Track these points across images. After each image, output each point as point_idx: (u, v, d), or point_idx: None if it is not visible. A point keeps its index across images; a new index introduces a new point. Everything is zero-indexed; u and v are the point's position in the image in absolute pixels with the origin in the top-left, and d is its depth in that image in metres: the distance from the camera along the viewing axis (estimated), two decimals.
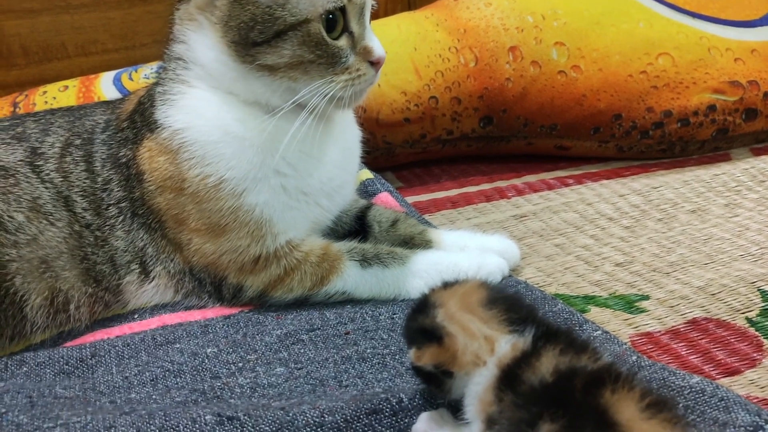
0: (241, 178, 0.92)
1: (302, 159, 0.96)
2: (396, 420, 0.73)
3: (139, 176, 0.96)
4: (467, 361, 0.67)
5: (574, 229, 1.17)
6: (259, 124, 0.92)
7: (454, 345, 0.67)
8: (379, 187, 1.21)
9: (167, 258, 0.97)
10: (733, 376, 0.82)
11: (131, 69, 1.42)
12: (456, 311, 0.69)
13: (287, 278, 0.96)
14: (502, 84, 1.38)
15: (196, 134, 0.93)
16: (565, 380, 0.60)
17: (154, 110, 0.96)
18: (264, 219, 0.94)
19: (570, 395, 0.58)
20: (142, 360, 0.88)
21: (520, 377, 0.62)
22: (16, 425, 0.72)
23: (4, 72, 1.62)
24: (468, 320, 0.68)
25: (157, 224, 0.96)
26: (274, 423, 0.72)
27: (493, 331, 0.67)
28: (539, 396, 0.59)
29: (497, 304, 0.69)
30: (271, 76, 0.91)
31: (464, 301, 0.70)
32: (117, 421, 0.72)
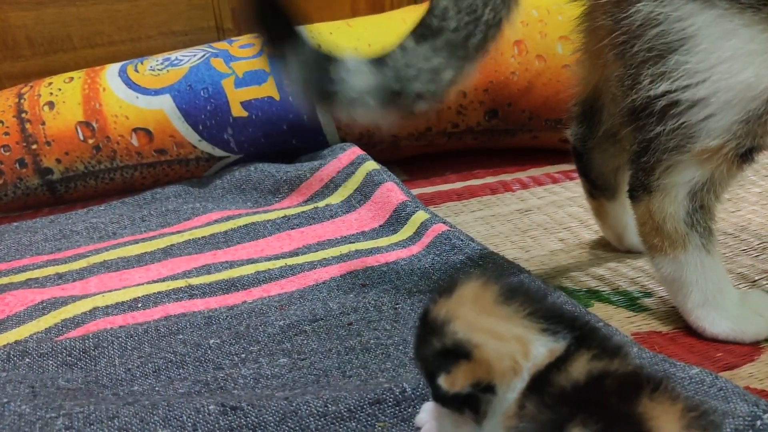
0: None
1: None
2: (399, 409, 0.73)
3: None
4: (505, 367, 0.57)
5: (579, 223, 1.17)
6: None
7: (486, 354, 0.58)
8: (385, 177, 1.22)
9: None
10: (732, 370, 0.82)
11: (137, 61, 1.42)
12: (473, 318, 0.60)
13: None
14: (507, 77, 1.38)
15: None
16: (598, 382, 0.55)
17: None
18: None
19: (604, 399, 0.53)
20: (145, 351, 0.88)
21: (548, 380, 0.56)
22: (18, 415, 0.72)
23: (10, 63, 1.62)
24: (491, 323, 0.59)
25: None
26: (277, 413, 0.72)
27: (522, 329, 0.59)
28: (569, 398, 0.54)
29: (514, 298, 0.61)
30: None
31: (478, 305, 0.61)
32: (120, 411, 0.72)
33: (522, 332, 0.58)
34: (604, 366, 0.57)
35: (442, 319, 0.61)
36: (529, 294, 0.62)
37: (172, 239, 1.16)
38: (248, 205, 1.28)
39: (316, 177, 1.28)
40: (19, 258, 1.15)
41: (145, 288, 1.01)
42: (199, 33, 1.72)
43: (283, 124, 1.35)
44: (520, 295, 0.61)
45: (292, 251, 1.11)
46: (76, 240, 1.20)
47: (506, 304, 0.60)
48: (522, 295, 0.61)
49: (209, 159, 1.36)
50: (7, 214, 1.35)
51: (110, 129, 1.32)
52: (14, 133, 1.32)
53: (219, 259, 1.09)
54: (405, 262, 1.05)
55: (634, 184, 0.87)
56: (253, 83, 1.34)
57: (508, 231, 1.17)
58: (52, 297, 0.99)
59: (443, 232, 1.07)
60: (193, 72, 1.36)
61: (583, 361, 0.56)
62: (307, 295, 0.98)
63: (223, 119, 1.33)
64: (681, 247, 0.85)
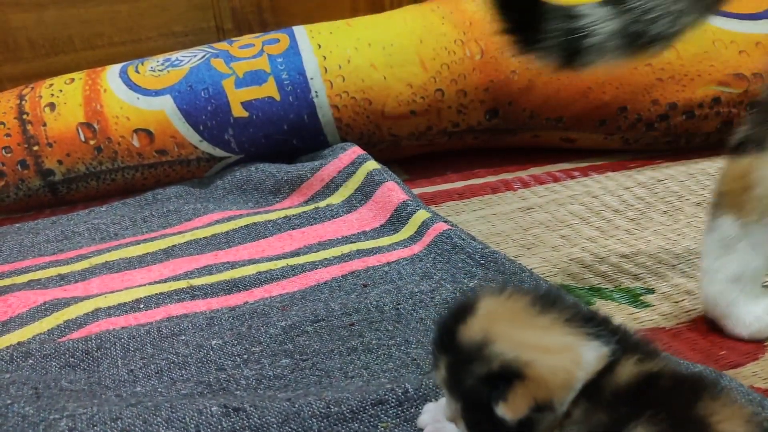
0: None
1: None
2: (402, 410, 0.73)
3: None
4: (561, 381, 0.53)
5: (580, 220, 1.18)
6: None
7: (539, 371, 0.53)
8: (385, 176, 1.22)
9: None
10: (735, 368, 0.82)
11: (137, 62, 1.42)
12: (516, 334, 0.55)
13: None
14: (508, 76, 1.38)
15: None
16: (652, 383, 0.53)
17: None
18: None
19: (664, 399, 0.51)
20: (148, 353, 0.88)
21: (597, 384, 0.53)
22: (22, 416, 0.72)
23: (11, 65, 1.63)
24: (536, 337, 0.55)
25: None
26: (280, 414, 0.72)
27: (569, 337, 0.55)
28: (626, 399, 0.52)
29: (550, 306, 0.57)
30: None
31: (515, 319, 0.56)
32: (123, 412, 0.72)
33: (570, 341, 0.55)
34: (654, 367, 0.55)
35: (480, 341, 0.55)
36: (561, 300, 0.58)
37: (173, 240, 1.16)
38: (249, 206, 1.28)
39: (316, 177, 1.28)
40: (22, 259, 1.15)
41: (147, 289, 1.01)
42: (199, 34, 1.72)
43: (283, 124, 1.35)
44: (555, 302, 0.58)
45: (293, 251, 1.11)
46: (78, 241, 1.20)
47: (544, 313, 0.56)
48: (556, 301, 0.58)
49: (210, 159, 1.36)
50: (8, 215, 1.35)
51: (111, 130, 1.32)
52: (16, 134, 1.32)
53: (220, 260, 1.09)
54: (406, 261, 1.05)
55: (750, 138, 0.85)
56: (253, 83, 1.34)
57: (509, 229, 1.17)
58: (54, 298, 1.00)
59: (444, 231, 1.07)
60: (193, 72, 1.36)
61: (631, 364, 0.54)
62: (308, 296, 0.98)
63: (223, 119, 1.33)
64: (757, 215, 0.83)
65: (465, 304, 0.59)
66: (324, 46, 1.38)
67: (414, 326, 0.90)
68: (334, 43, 1.39)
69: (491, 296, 0.58)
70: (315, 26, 1.44)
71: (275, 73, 1.35)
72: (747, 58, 1.38)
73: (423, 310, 0.93)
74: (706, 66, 1.36)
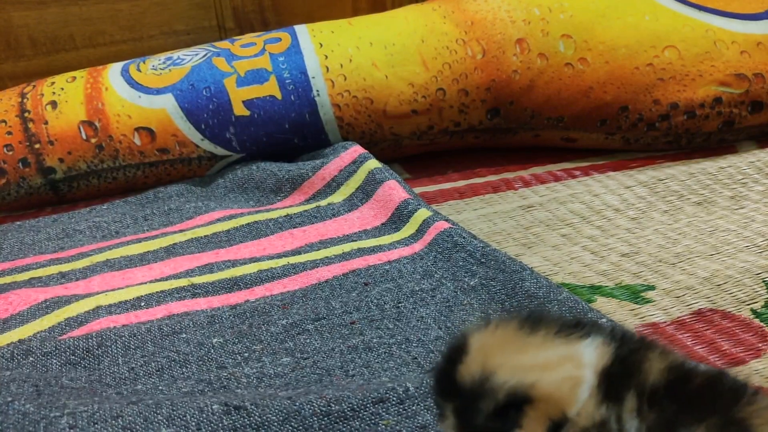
0: None
1: None
2: (403, 408, 0.73)
3: None
4: (567, 391, 0.52)
5: (581, 219, 1.18)
6: None
7: (544, 389, 0.52)
8: (386, 175, 1.22)
9: None
10: (737, 366, 0.82)
11: (139, 60, 1.42)
12: (513, 360, 0.53)
13: None
14: (509, 76, 1.38)
15: None
16: (686, 383, 0.52)
17: None
18: None
19: (708, 400, 0.50)
20: (149, 350, 0.88)
21: (624, 383, 0.52)
22: (22, 414, 0.72)
23: (12, 63, 1.63)
24: (533, 357, 0.53)
25: None
26: (281, 412, 0.72)
27: (565, 347, 0.54)
28: (668, 397, 0.51)
29: (538, 324, 0.55)
30: None
31: (508, 347, 0.54)
32: (124, 410, 0.72)
33: (565, 350, 0.54)
34: (680, 362, 0.53)
35: (480, 377, 0.53)
36: (546, 316, 0.57)
37: (174, 238, 1.16)
38: (250, 204, 1.28)
39: (318, 176, 1.28)
40: (22, 257, 1.15)
41: (148, 287, 1.01)
42: (200, 32, 1.72)
43: (285, 122, 1.35)
44: (541, 320, 0.56)
45: (294, 250, 1.11)
46: (79, 239, 1.20)
47: (533, 333, 0.55)
48: (542, 319, 0.56)
49: (211, 158, 1.36)
50: (10, 213, 1.35)
51: (113, 128, 1.32)
52: (17, 132, 1.32)
53: (221, 258, 1.09)
54: (407, 260, 1.05)
55: None
56: (254, 82, 1.35)
57: (510, 228, 1.17)
58: (55, 296, 1.00)
59: (445, 229, 1.07)
60: (195, 71, 1.36)
61: (656, 358, 0.53)
62: (309, 294, 0.98)
63: (225, 118, 1.33)
64: None
65: (456, 346, 0.57)
66: (325, 45, 1.38)
67: (415, 325, 0.90)
68: (335, 42, 1.39)
69: (478, 331, 0.56)
70: (316, 25, 1.44)
71: (277, 72, 1.35)
72: (748, 58, 1.38)
73: (424, 309, 0.93)
74: (708, 66, 1.36)
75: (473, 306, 0.93)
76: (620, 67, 1.36)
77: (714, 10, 1.43)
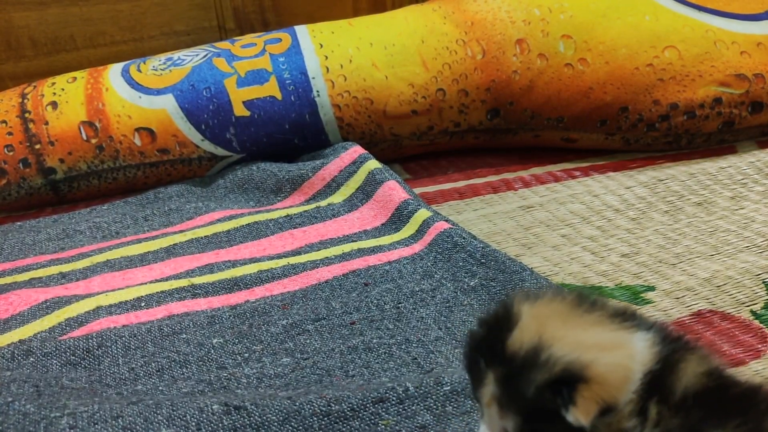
0: None
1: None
2: (402, 408, 0.73)
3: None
4: (622, 377, 0.51)
5: (581, 219, 1.18)
6: None
7: (599, 370, 0.50)
8: (386, 175, 1.22)
9: None
10: (737, 367, 0.82)
11: (139, 61, 1.42)
12: (573, 335, 0.52)
13: None
14: (509, 76, 1.38)
15: None
16: (724, 389, 0.52)
17: None
18: None
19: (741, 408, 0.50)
20: (149, 351, 0.88)
21: (665, 384, 0.51)
22: (23, 414, 0.72)
23: (13, 63, 1.63)
24: (591, 336, 0.52)
25: None
26: (281, 412, 0.72)
27: (619, 332, 0.53)
28: (699, 402, 0.50)
29: (594, 305, 0.55)
30: None
31: (568, 321, 0.54)
32: (124, 410, 0.73)
33: (620, 335, 0.53)
34: (717, 368, 0.53)
35: (536, 346, 0.52)
36: (595, 299, 0.56)
37: (174, 239, 1.16)
38: (251, 205, 1.28)
39: (318, 176, 1.28)
40: (23, 257, 1.16)
41: (148, 287, 1.01)
42: (201, 33, 1.72)
43: (285, 123, 1.35)
44: (594, 302, 0.55)
45: (294, 250, 1.11)
46: (80, 239, 1.20)
47: (590, 311, 0.54)
48: (595, 301, 0.56)
49: (212, 158, 1.36)
50: (10, 213, 1.35)
51: (113, 129, 1.32)
52: (18, 132, 1.32)
53: (222, 259, 1.09)
54: (407, 260, 1.05)
55: None
56: (255, 83, 1.35)
57: (510, 228, 1.17)
58: (55, 296, 1.00)
59: (445, 230, 1.07)
60: (195, 72, 1.36)
61: (693, 364, 0.52)
62: (309, 294, 0.99)
63: (225, 118, 1.34)
64: None
65: (503, 313, 0.56)
66: (326, 46, 1.38)
67: (415, 325, 0.90)
68: (335, 43, 1.39)
69: (530, 301, 0.56)
70: (317, 26, 1.44)
71: (277, 73, 1.35)
72: (748, 58, 1.38)
73: (424, 309, 0.93)
74: (708, 66, 1.36)
75: (473, 306, 0.93)
76: (620, 68, 1.36)
77: (714, 10, 1.43)
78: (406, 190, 1.19)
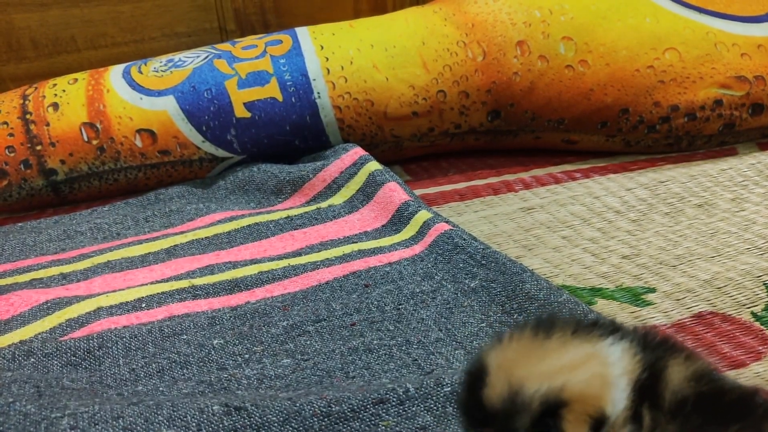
0: None
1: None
2: (403, 409, 0.73)
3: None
4: (600, 386, 0.51)
5: (582, 221, 1.18)
6: None
7: (575, 389, 0.51)
8: (387, 177, 1.22)
9: None
10: (738, 368, 0.82)
11: (140, 62, 1.42)
12: (537, 368, 0.52)
13: None
14: (510, 78, 1.38)
15: None
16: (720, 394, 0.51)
17: None
18: None
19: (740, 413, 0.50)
20: (149, 352, 0.88)
21: (652, 389, 0.51)
22: (23, 414, 0.72)
23: (14, 65, 1.63)
24: (555, 361, 0.52)
25: None
26: (281, 413, 0.72)
27: (585, 345, 0.53)
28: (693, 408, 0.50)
29: (551, 328, 0.55)
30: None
31: (528, 356, 0.53)
32: (125, 411, 0.73)
33: (586, 348, 0.53)
34: (706, 370, 0.53)
35: (510, 392, 0.52)
36: (557, 319, 0.56)
37: (175, 240, 1.16)
38: (251, 206, 1.28)
39: (318, 177, 1.28)
40: (24, 258, 1.16)
41: (149, 288, 1.01)
42: (202, 34, 1.72)
43: (286, 124, 1.35)
44: (554, 323, 0.55)
45: (295, 251, 1.11)
46: (80, 240, 1.20)
47: (550, 336, 0.54)
48: (554, 322, 0.55)
49: (212, 160, 1.36)
50: (11, 214, 1.35)
51: (114, 130, 1.32)
52: (19, 134, 1.32)
53: (222, 260, 1.09)
54: (407, 261, 1.05)
55: None
56: (255, 84, 1.35)
57: (510, 230, 1.17)
58: (56, 297, 1.00)
59: (445, 231, 1.07)
60: (196, 73, 1.36)
61: (679, 365, 0.52)
62: (310, 296, 0.99)
63: (226, 120, 1.34)
64: None
65: (474, 371, 0.55)
66: (326, 48, 1.39)
67: (415, 326, 0.90)
68: (336, 44, 1.39)
69: (493, 350, 0.55)
70: (317, 27, 1.44)
71: (278, 74, 1.36)
72: (749, 60, 1.38)
73: (424, 311, 0.93)
74: (708, 68, 1.36)
75: (473, 308, 0.93)
76: (621, 69, 1.36)
77: (714, 12, 1.43)
78: (407, 191, 1.19)
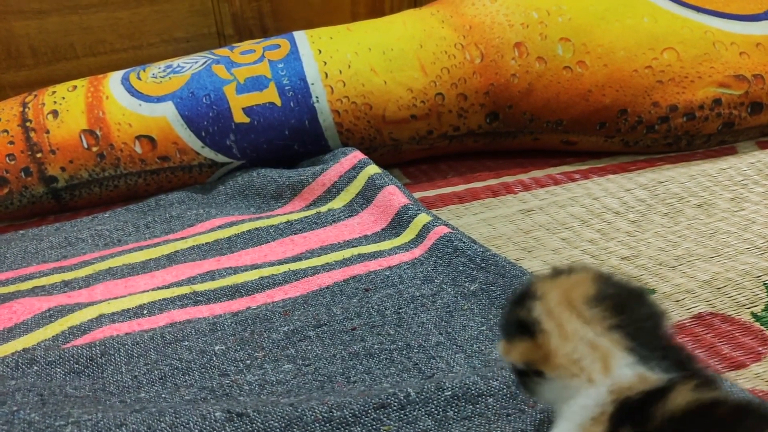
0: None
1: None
2: (404, 413, 0.73)
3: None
4: (559, 363, 0.57)
5: (581, 222, 1.18)
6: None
7: (547, 344, 0.58)
8: (386, 181, 1.22)
9: None
10: (738, 369, 0.83)
11: (139, 68, 1.43)
12: (555, 306, 0.59)
13: None
14: (508, 80, 1.38)
15: None
16: (709, 410, 0.52)
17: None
18: None
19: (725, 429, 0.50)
20: (151, 358, 0.89)
21: (648, 412, 0.53)
22: (27, 423, 0.72)
23: (14, 72, 1.63)
24: (566, 318, 0.58)
25: None
26: (283, 419, 0.72)
27: (602, 339, 0.57)
28: (679, 426, 0.51)
29: (603, 302, 0.58)
30: None
31: (566, 296, 0.59)
32: (128, 418, 0.73)
33: (604, 343, 0.57)
34: (713, 395, 0.54)
35: (532, 294, 0.61)
36: (625, 306, 0.58)
37: (176, 246, 1.16)
38: (251, 211, 1.28)
39: (318, 182, 1.28)
40: (26, 266, 1.16)
41: (151, 295, 1.02)
42: (200, 40, 1.72)
43: (284, 129, 1.35)
44: (611, 300, 0.58)
45: (295, 256, 1.11)
46: (82, 247, 1.21)
47: (591, 306, 0.58)
48: (613, 300, 0.58)
49: (212, 165, 1.36)
50: (12, 222, 1.36)
51: (114, 137, 1.33)
52: (19, 142, 1.32)
53: (223, 265, 1.09)
54: (407, 265, 1.05)
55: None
56: (254, 89, 1.35)
57: (510, 232, 1.17)
58: (58, 304, 1.00)
59: (445, 234, 1.07)
60: (195, 79, 1.36)
61: (686, 390, 0.53)
62: (310, 301, 0.99)
63: (225, 125, 1.34)
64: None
65: (561, 269, 0.63)
66: (324, 51, 1.39)
67: (415, 330, 0.90)
68: (334, 48, 1.39)
69: (577, 272, 0.62)
70: (315, 31, 1.44)
71: (276, 79, 1.36)
72: (747, 59, 1.38)
73: (424, 314, 0.93)
74: (707, 68, 1.37)
75: (474, 311, 0.93)
76: (619, 70, 1.37)
77: (712, 11, 1.43)
78: (406, 194, 1.19)
